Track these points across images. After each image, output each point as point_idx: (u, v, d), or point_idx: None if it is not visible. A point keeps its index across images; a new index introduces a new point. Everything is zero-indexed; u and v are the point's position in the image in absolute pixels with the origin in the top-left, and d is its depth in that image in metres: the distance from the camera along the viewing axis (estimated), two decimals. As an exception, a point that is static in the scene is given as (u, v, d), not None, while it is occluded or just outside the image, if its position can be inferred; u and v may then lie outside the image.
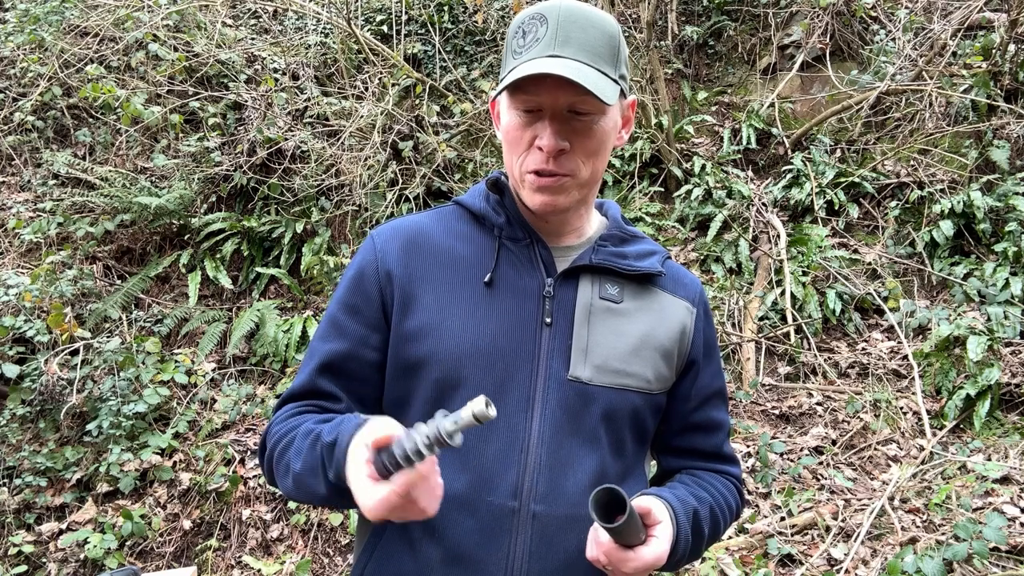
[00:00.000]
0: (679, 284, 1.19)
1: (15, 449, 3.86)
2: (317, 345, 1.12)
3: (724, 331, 4.37)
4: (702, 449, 1.20)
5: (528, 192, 1.06)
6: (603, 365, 1.07)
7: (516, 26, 1.05)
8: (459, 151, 5.33)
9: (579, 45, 1.00)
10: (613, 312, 1.10)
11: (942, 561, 2.60)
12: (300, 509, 3.80)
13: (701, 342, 1.18)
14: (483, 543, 1.01)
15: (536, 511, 1.02)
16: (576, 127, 1.02)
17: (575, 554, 1.04)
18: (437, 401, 1.04)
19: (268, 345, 4.51)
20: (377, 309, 1.10)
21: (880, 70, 5.27)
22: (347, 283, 1.14)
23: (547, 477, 1.03)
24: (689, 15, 6.35)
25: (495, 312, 1.07)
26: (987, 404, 3.63)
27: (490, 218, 1.13)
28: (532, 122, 1.03)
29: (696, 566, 3.07)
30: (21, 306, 4.20)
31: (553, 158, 1.02)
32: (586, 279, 1.11)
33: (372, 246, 1.14)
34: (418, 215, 1.20)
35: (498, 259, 1.10)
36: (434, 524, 1.02)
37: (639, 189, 5.28)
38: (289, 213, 5.25)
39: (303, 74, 5.51)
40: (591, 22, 1.02)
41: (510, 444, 1.03)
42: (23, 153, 5.39)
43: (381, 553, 1.07)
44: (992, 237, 4.42)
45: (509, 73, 1.01)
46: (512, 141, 1.05)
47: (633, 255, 1.15)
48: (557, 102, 1.00)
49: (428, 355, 1.05)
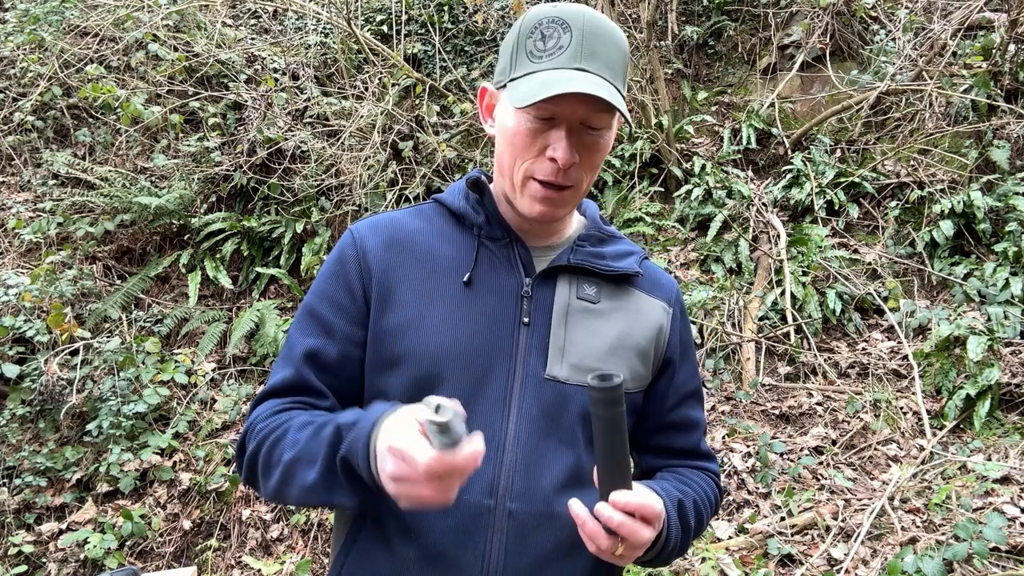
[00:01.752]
0: (656, 285, 1.20)
1: (15, 449, 3.86)
2: (299, 339, 1.10)
3: (724, 331, 4.37)
4: (680, 447, 1.22)
5: (528, 199, 1.06)
6: (580, 364, 1.08)
7: (531, 26, 1.04)
8: (459, 151, 5.33)
9: (603, 61, 1.01)
10: (590, 312, 1.11)
11: (942, 561, 2.60)
12: (300, 509, 3.80)
13: (677, 342, 1.20)
14: (459, 542, 1.02)
15: (512, 509, 1.03)
16: (586, 140, 1.03)
17: (551, 552, 1.04)
18: (415, 398, 1.03)
19: (268, 345, 4.51)
20: (361, 305, 1.09)
21: (880, 70, 5.27)
22: (328, 276, 1.12)
23: (523, 475, 1.04)
24: (689, 15, 6.35)
25: (473, 311, 1.07)
26: (987, 404, 3.63)
27: (469, 217, 1.14)
28: (545, 130, 1.02)
29: (696, 566, 3.07)
30: (21, 306, 4.20)
31: (563, 171, 1.03)
32: (564, 279, 1.12)
33: (352, 240, 1.13)
34: (397, 212, 1.19)
35: (477, 258, 1.11)
36: (409, 523, 1.02)
37: (639, 189, 5.28)
38: (289, 213, 5.25)
39: (303, 74, 5.51)
40: (611, 36, 1.03)
41: (487, 442, 1.03)
42: (23, 153, 5.39)
43: (358, 553, 1.07)
44: (992, 237, 4.42)
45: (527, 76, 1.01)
46: (519, 145, 1.04)
47: (611, 255, 1.16)
48: (575, 115, 1.00)
49: (406, 352, 1.05)
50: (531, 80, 1.00)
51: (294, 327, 1.12)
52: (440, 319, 1.06)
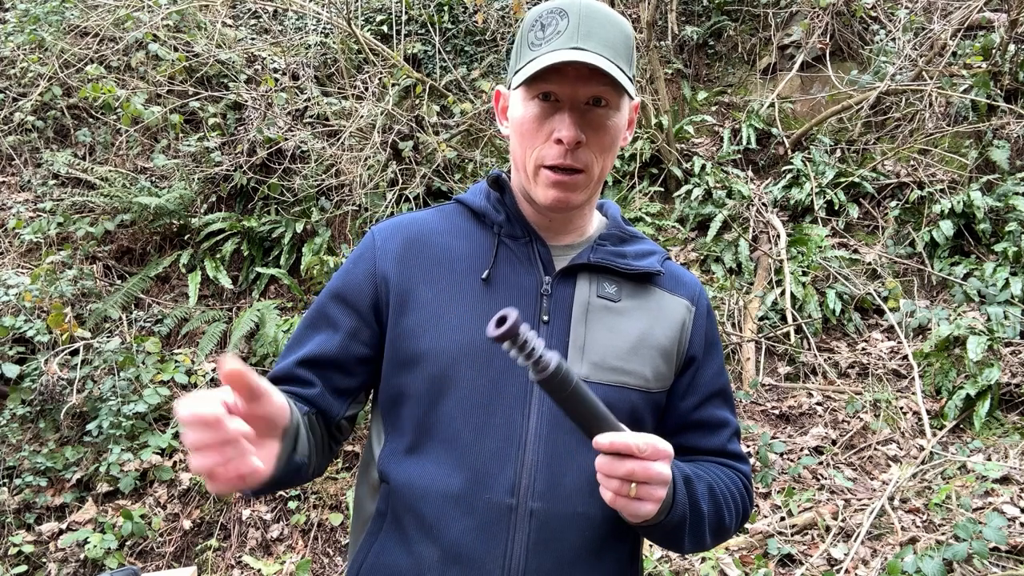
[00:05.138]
0: (678, 283, 1.19)
1: (15, 449, 3.86)
2: (304, 333, 1.12)
3: (724, 331, 4.37)
4: (705, 447, 1.17)
5: (541, 187, 1.06)
6: (601, 363, 1.07)
7: (533, 19, 1.06)
8: (459, 151, 5.33)
9: (600, 40, 1.01)
10: (611, 311, 1.10)
11: (942, 561, 2.60)
12: (300, 509, 3.80)
13: (701, 339, 1.17)
14: (481, 541, 1.01)
15: (534, 508, 1.02)
16: (592, 120, 1.03)
17: (574, 551, 1.03)
18: (433, 396, 1.04)
19: (268, 345, 4.51)
20: (370, 305, 1.10)
21: (880, 70, 5.27)
22: (342, 276, 1.14)
23: (545, 474, 1.02)
24: (689, 15, 6.35)
25: (492, 309, 1.06)
26: (987, 404, 3.63)
27: (490, 215, 1.14)
28: (550, 114, 1.03)
29: (696, 566, 3.07)
30: (21, 306, 4.20)
31: (571, 151, 1.02)
32: (584, 278, 1.11)
33: (372, 242, 1.14)
34: (419, 212, 1.20)
35: (496, 256, 1.10)
36: (431, 522, 1.02)
37: (639, 189, 5.28)
38: (289, 213, 5.25)
39: (303, 74, 5.51)
40: (610, 20, 1.04)
41: (507, 441, 1.03)
42: (23, 153, 5.39)
43: (377, 552, 1.06)
44: (992, 237, 4.42)
45: (529, 63, 1.02)
46: (526, 133, 1.05)
47: (632, 254, 1.15)
48: (577, 93, 1.01)
49: (425, 351, 1.05)
50: (529, 66, 1.01)
51: (301, 320, 1.14)
52: (458, 318, 1.06)
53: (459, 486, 1.02)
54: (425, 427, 1.05)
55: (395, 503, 1.05)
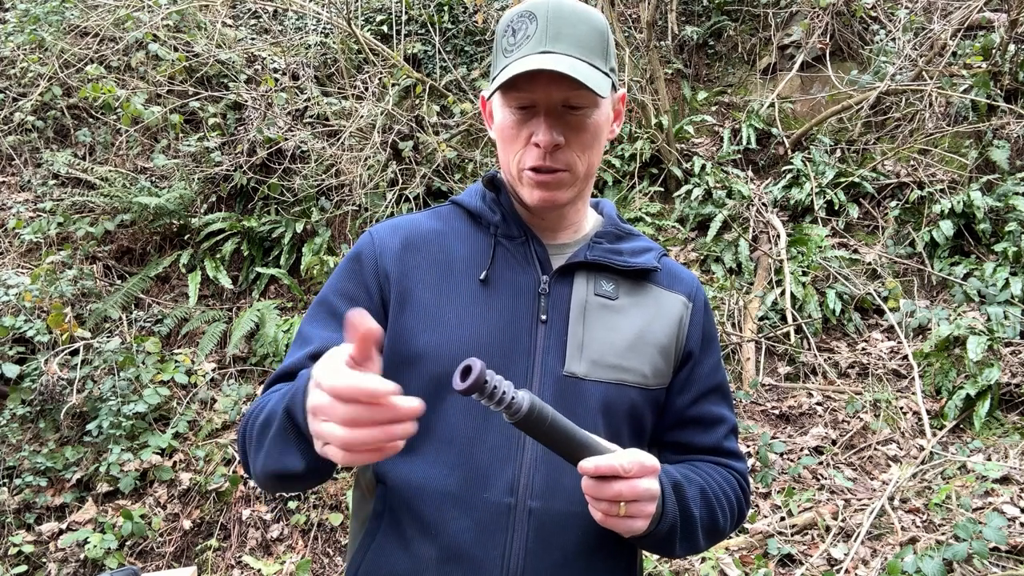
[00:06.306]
0: (675, 279, 1.19)
1: (15, 449, 3.86)
2: (312, 328, 1.10)
3: (724, 331, 4.37)
4: (701, 444, 1.17)
5: (527, 189, 1.07)
6: (599, 360, 1.07)
7: (505, 25, 1.06)
8: (459, 151, 5.33)
9: (570, 40, 1.01)
10: (608, 308, 1.10)
11: (942, 561, 2.60)
12: (300, 509, 3.80)
13: (698, 335, 1.17)
14: (479, 540, 1.01)
15: (533, 507, 1.01)
16: (570, 121, 1.03)
17: (573, 550, 1.03)
18: (432, 396, 1.04)
19: (268, 345, 4.51)
20: (375, 299, 1.09)
21: (880, 70, 5.27)
22: (342, 272, 1.13)
23: (544, 473, 1.02)
24: (689, 15, 6.35)
25: (490, 309, 1.07)
26: (987, 404, 3.63)
27: (486, 216, 1.14)
28: (527, 119, 1.04)
29: (696, 566, 3.07)
30: (21, 306, 4.21)
31: (549, 154, 1.03)
32: (581, 276, 1.11)
33: (371, 240, 1.14)
34: (415, 214, 1.20)
35: (494, 257, 1.11)
36: (429, 522, 1.02)
37: (639, 189, 5.28)
38: (289, 213, 5.25)
39: (303, 74, 5.51)
40: (580, 17, 1.03)
41: (506, 440, 1.03)
42: (23, 153, 5.39)
43: (375, 552, 1.06)
44: (992, 237, 4.42)
45: (501, 71, 1.02)
46: (507, 139, 1.07)
47: (628, 252, 1.15)
48: (551, 98, 1.01)
49: (424, 351, 1.05)
50: (502, 74, 1.01)
51: (304, 318, 1.13)
52: (457, 318, 1.06)
53: (457, 485, 1.02)
54: (423, 427, 1.04)
55: (393, 503, 1.05)
